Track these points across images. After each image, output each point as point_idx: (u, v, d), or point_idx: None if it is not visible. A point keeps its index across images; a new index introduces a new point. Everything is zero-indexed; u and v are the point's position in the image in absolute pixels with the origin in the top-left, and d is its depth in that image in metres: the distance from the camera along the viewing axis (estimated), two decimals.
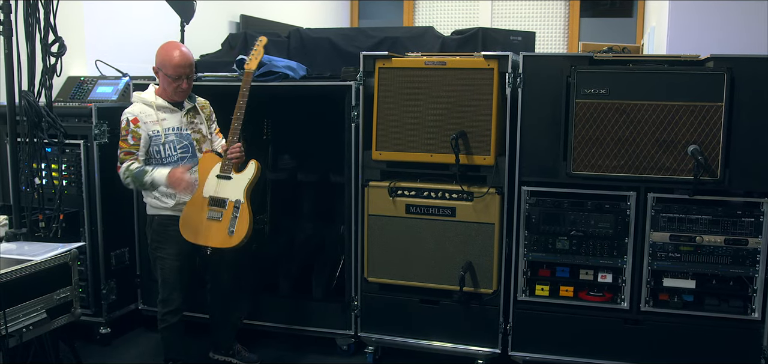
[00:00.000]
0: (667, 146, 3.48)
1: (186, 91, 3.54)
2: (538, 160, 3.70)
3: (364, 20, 9.67)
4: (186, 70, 3.47)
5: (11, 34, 3.36)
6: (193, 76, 3.56)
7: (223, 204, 3.45)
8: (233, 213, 3.43)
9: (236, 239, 3.41)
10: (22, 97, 3.48)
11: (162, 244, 3.61)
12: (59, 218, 3.76)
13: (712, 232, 3.52)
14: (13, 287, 2.89)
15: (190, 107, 3.61)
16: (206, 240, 3.45)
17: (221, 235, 3.43)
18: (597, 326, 3.71)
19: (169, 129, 3.54)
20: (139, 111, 3.52)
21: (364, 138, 3.95)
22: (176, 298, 3.58)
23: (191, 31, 4.85)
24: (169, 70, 3.45)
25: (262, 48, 3.80)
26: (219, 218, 3.44)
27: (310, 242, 4.88)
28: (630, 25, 8.72)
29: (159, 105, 3.54)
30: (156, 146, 3.51)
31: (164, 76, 3.48)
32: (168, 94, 3.55)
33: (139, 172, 3.45)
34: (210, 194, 3.47)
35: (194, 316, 4.10)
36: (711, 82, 3.41)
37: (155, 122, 3.51)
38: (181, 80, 3.47)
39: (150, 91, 3.59)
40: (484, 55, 3.71)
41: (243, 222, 3.41)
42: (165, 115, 3.54)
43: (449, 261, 3.83)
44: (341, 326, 4.18)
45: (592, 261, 3.68)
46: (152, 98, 3.55)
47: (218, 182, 3.49)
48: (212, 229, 3.44)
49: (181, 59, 3.46)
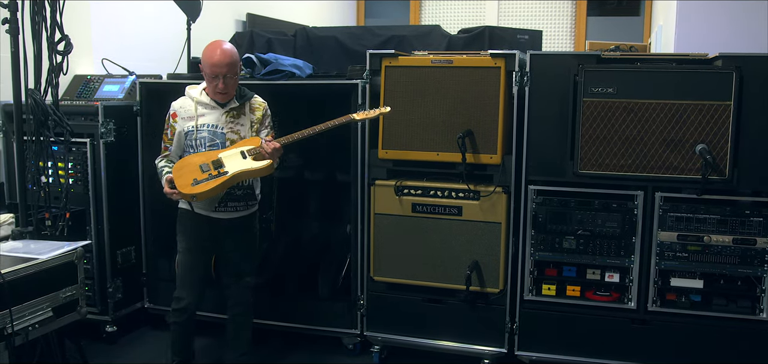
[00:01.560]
0: (675, 145, 3.46)
1: (224, 91, 3.46)
2: (545, 159, 3.68)
3: (370, 19, 9.66)
4: (222, 70, 3.39)
5: (18, 33, 3.36)
6: (234, 77, 3.47)
7: (219, 167, 3.39)
8: (213, 175, 3.36)
9: (193, 190, 3.33)
10: (28, 95, 3.48)
11: (180, 236, 3.63)
12: (65, 217, 3.76)
13: (720, 231, 3.50)
14: (20, 285, 2.89)
15: (234, 106, 3.54)
16: (177, 178, 3.37)
17: (188, 180, 3.35)
18: (604, 326, 3.70)
19: (204, 125, 3.51)
20: (180, 105, 3.57)
21: (371, 137, 3.95)
22: (185, 296, 3.57)
23: (197, 30, 4.86)
24: (207, 69, 3.43)
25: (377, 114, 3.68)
26: (203, 170, 3.37)
27: (316, 241, 4.87)
28: (637, 23, 8.70)
29: (200, 101, 3.53)
30: (189, 141, 3.52)
31: (205, 75, 3.48)
32: (212, 94, 3.53)
33: (160, 171, 3.53)
34: (221, 156, 3.42)
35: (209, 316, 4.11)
36: (719, 81, 3.39)
37: (192, 118, 3.51)
38: (217, 80, 3.41)
39: (200, 86, 3.59)
40: (491, 53, 3.70)
41: (209, 185, 3.33)
42: (204, 111, 3.53)
43: (455, 260, 3.82)
44: (347, 325, 4.17)
45: (599, 261, 3.67)
46: (197, 93, 3.55)
47: (235, 153, 3.44)
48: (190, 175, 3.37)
49: (220, 58, 3.39)
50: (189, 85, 3.64)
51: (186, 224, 3.58)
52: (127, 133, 4.34)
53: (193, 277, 3.59)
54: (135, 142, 4.40)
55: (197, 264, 3.61)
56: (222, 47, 3.44)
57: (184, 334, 3.66)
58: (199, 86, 3.60)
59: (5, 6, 3.31)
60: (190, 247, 3.58)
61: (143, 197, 4.44)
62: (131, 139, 4.38)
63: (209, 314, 4.12)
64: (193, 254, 3.59)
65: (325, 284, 4.41)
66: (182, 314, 3.59)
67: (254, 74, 4.17)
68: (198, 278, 3.61)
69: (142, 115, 4.38)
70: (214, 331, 4.19)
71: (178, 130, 3.53)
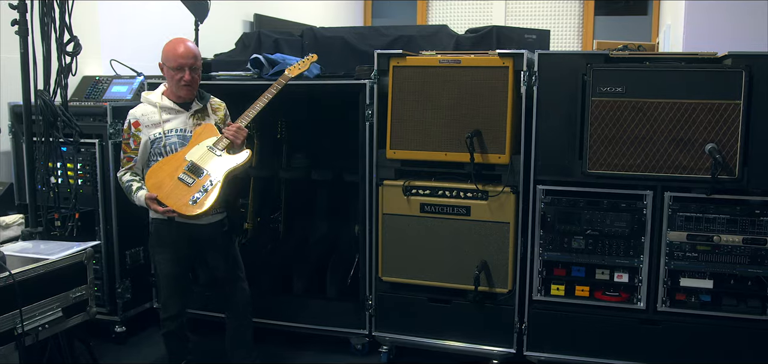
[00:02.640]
0: (684, 145, 3.45)
1: (189, 84, 3.39)
2: (554, 158, 3.67)
3: (377, 19, 9.68)
4: (188, 61, 3.35)
5: (27, 34, 3.38)
6: (197, 70, 3.43)
7: (199, 173, 3.31)
8: (204, 187, 3.29)
9: (194, 209, 3.26)
10: (37, 96, 3.50)
11: (157, 249, 3.56)
12: (75, 217, 3.77)
13: (730, 231, 3.48)
14: (30, 285, 2.91)
15: (198, 108, 3.50)
16: (166, 198, 3.28)
17: (182, 200, 3.27)
18: (613, 326, 3.68)
19: (172, 131, 3.43)
20: (142, 113, 3.46)
21: (379, 137, 3.94)
22: (172, 305, 3.54)
23: (205, 30, 4.87)
24: (171, 62, 3.35)
25: (309, 63, 3.80)
26: (189, 184, 3.29)
27: (324, 241, 4.88)
28: (644, 23, 8.69)
29: (164, 106, 3.45)
30: (157, 149, 3.43)
31: (167, 70, 3.39)
32: (173, 92, 3.45)
33: (127, 187, 3.44)
34: (192, 160, 3.34)
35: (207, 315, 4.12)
36: (729, 79, 3.37)
37: (157, 125, 3.42)
38: (183, 71, 3.34)
39: (157, 91, 3.51)
40: (499, 53, 3.69)
41: (208, 199, 3.27)
42: (169, 117, 3.45)
43: (464, 260, 3.81)
44: (355, 326, 4.17)
45: (608, 261, 3.65)
46: (157, 99, 3.47)
47: (206, 152, 3.36)
48: (176, 191, 3.29)
49: (183, 49, 3.35)
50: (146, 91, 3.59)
51: (164, 236, 3.48)
52: None
53: (178, 285, 3.56)
54: None
55: (180, 273, 3.57)
56: (184, 42, 3.41)
57: (178, 340, 3.65)
58: (157, 91, 3.52)
59: (15, 7, 3.32)
60: (170, 258, 3.51)
61: None
62: None
63: (203, 312, 4.13)
64: (175, 264, 3.52)
65: (333, 285, 4.42)
66: (173, 321, 3.56)
67: (262, 74, 4.17)
68: (182, 286, 3.60)
69: None
70: (209, 329, 4.23)
71: (144, 139, 3.43)
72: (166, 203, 3.27)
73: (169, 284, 3.55)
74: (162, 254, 3.54)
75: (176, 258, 3.52)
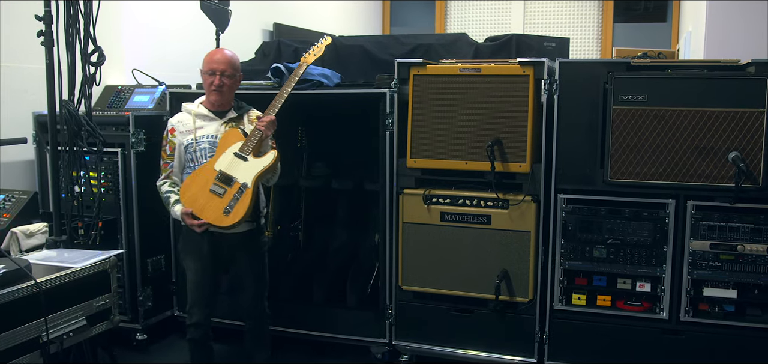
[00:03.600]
0: (706, 153, 3.42)
1: (221, 89, 3.45)
2: (575, 167, 3.66)
3: (395, 27, 9.69)
4: (220, 66, 3.42)
5: (52, 45, 3.42)
6: (230, 78, 3.48)
7: (229, 182, 3.35)
8: (236, 194, 3.33)
9: (230, 220, 3.30)
10: (62, 106, 3.54)
11: (187, 255, 3.60)
12: (98, 226, 3.80)
13: (754, 240, 3.45)
14: (54, 294, 2.94)
15: (233, 117, 3.55)
16: (201, 212, 3.33)
17: (217, 212, 3.32)
18: (635, 336, 3.66)
19: (204, 137, 3.50)
20: (178, 120, 3.56)
21: (399, 145, 3.95)
22: (196, 312, 3.54)
23: (226, 39, 4.90)
24: (205, 66, 3.45)
25: (324, 47, 3.83)
26: (221, 195, 3.34)
27: (344, 250, 4.88)
28: (664, 30, 8.64)
29: (198, 113, 3.53)
30: (190, 155, 3.50)
31: (203, 76, 3.48)
32: (208, 99, 3.53)
33: (165, 199, 3.51)
34: (221, 169, 3.37)
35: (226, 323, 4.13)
36: (752, 87, 3.35)
37: (191, 131, 3.50)
38: (214, 76, 3.42)
39: (197, 101, 3.60)
40: (520, 62, 3.68)
41: (242, 206, 3.31)
42: (203, 124, 3.52)
43: (484, 269, 3.80)
44: (375, 334, 4.17)
45: (630, 270, 3.63)
46: (194, 107, 3.55)
47: (233, 159, 3.39)
48: (210, 203, 3.33)
49: (219, 56, 3.44)
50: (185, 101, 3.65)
51: (195, 241, 3.50)
52: (158, 142, 4.35)
53: (204, 293, 3.56)
54: None
55: (207, 282, 3.58)
56: (223, 50, 3.51)
57: (201, 348, 3.65)
58: (198, 100, 3.60)
59: (40, 19, 3.36)
60: (198, 266, 3.53)
61: None
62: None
63: (226, 320, 4.14)
64: (202, 273, 3.54)
65: (353, 293, 4.42)
66: (197, 329, 3.56)
67: (283, 83, 4.19)
68: (208, 295, 3.60)
69: None
70: (231, 337, 4.23)
71: (178, 144, 3.51)
72: (202, 217, 3.32)
73: (195, 291, 3.56)
74: (190, 261, 3.57)
75: (204, 266, 3.55)
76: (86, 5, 3.57)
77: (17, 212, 3.90)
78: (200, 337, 3.59)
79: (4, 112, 4.16)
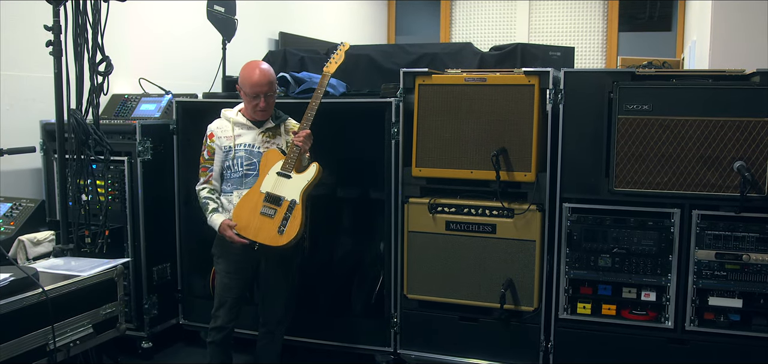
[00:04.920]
0: (712, 163, 3.43)
1: (264, 110, 3.53)
2: (580, 176, 3.66)
3: (400, 34, 9.71)
4: (263, 89, 3.47)
5: (61, 54, 3.43)
6: (273, 96, 3.56)
7: (278, 202, 3.43)
8: (286, 213, 3.40)
9: (285, 238, 3.38)
10: (70, 115, 3.56)
11: (219, 257, 3.64)
12: (104, 234, 3.82)
13: (760, 250, 3.44)
14: (62, 302, 2.95)
15: (270, 126, 3.61)
16: (256, 235, 3.41)
17: (271, 233, 3.40)
18: (640, 346, 3.65)
19: (241, 145, 3.57)
20: (217, 126, 3.62)
21: (404, 154, 3.96)
22: (221, 315, 3.58)
23: (232, 49, 4.93)
24: (247, 89, 3.48)
25: (343, 53, 3.85)
26: (272, 216, 3.41)
27: (349, 258, 4.88)
28: (669, 39, 8.65)
29: (237, 121, 3.59)
30: (228, 161, 3.57)
31: (244, 95, 3.53)
32: (253, 116, 3.59)
33: (204, 204, 3.57)
34: (267, 190, 3.45)
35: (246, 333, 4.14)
36: (757, 97, 3.36)
37: (229, 138, 3.57)
38: (258, 99, 3.48)
39: (236, 108, 3.66)
40: (525, 71, 3.70)
41: (294, 223, 3.39)
42: (241, 132, 3.59)
43: (489, 278, 3.81)
44: (380, 343, 4.17)
45: (635, 279, 3.63)
46: (233, 115, 3.61)
47: (277, 179, 3.47)
48: (264, 225, 3.42)
49: (260, 77, 3.47)
50: (224, 107, 3.70)
51: (227, 247, 3.55)
52: (164, 151, 4.40)
53: (231, 298, 3.60)
54: (171, 161, 4.45)
55: (235, 286, 3.61)
56: (260, 67, 3.51)
57: (221, 352, 3.68)
58: (235, 108, 3.66)
59: (49, 29, 3.39)
60: (229, 269, 3.59)
61: (179, 214, 4.50)
62: (167, 157, 4.43)
63: (246, 331, 4.14)
64: (232, 276, 3.59)
65: (358, 302, 4.42)
66: (219, 332, 3.60)
67: (288, 93, 4.22)
68: (235, 299, 3.62)
69: (179, 134, 4.43)
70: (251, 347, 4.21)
71: (217, 150, 3.58)
72: (257, 240, 3.40)
73: (223, 292, 3.60)
74: (222, 265, 3.62)
75: (234, 271, 3.59)
76: (95, 15, 3.59)
77: (24, 220, 3.93)
78: (221, 340, 3.62)
79: (11, 121, 4.18)
